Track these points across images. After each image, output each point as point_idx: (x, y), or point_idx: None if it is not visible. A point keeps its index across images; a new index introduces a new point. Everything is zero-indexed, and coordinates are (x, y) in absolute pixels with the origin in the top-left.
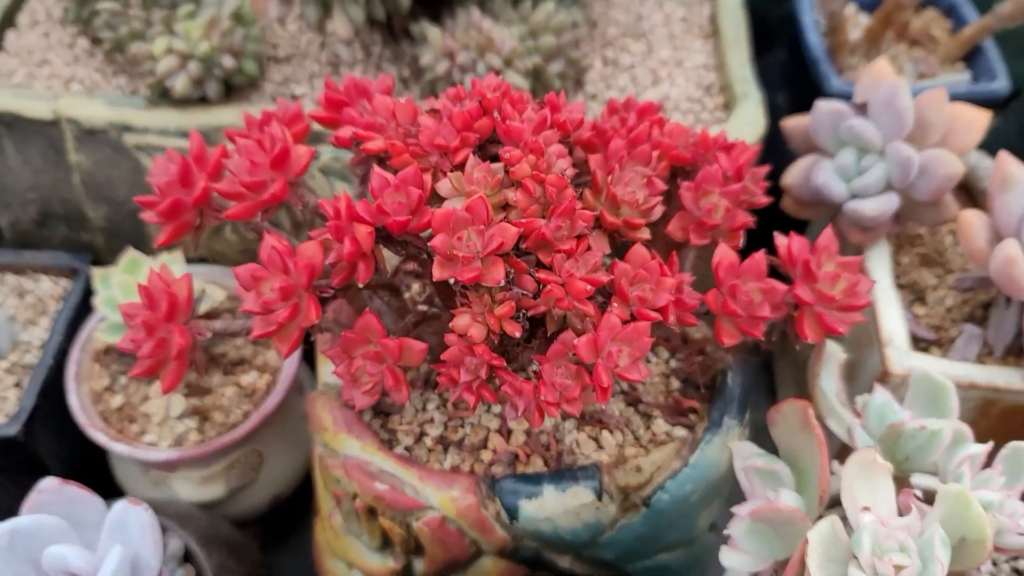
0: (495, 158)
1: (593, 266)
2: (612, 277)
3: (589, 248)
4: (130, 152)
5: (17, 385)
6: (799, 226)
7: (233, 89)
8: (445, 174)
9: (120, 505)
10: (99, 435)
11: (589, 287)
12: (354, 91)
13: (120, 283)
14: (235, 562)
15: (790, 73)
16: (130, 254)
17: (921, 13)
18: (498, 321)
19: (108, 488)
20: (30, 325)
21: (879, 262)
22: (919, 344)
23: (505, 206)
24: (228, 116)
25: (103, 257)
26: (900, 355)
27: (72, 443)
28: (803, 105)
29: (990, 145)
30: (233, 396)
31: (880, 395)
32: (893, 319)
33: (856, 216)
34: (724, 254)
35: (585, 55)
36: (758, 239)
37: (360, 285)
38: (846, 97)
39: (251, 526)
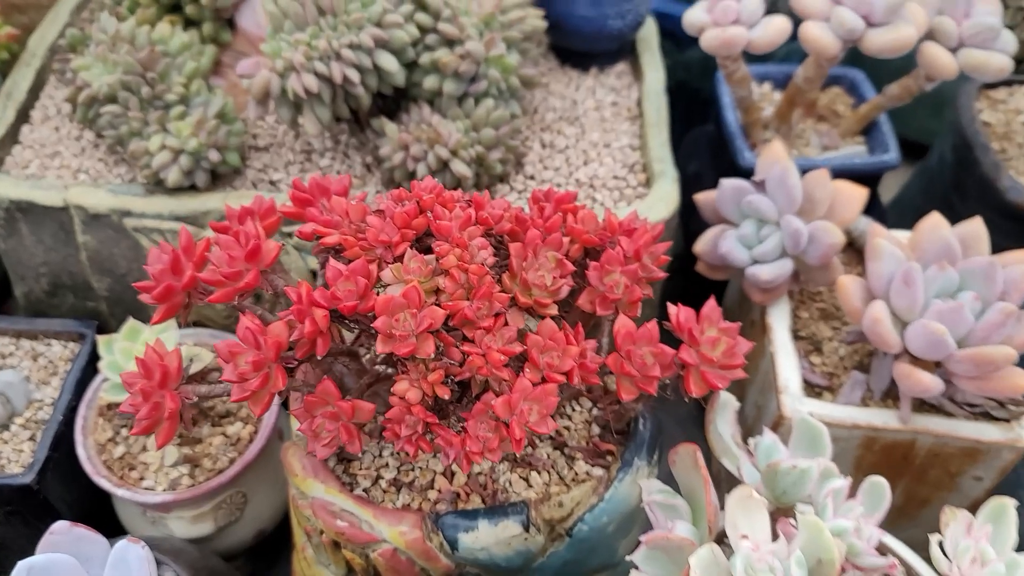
0: (429, 250)
1: (508, 339)
2: (525, 347)
3: (506, 323)
4: (129, 233)
5: (31, 439)
6: (719, 284)
7: (219, 177)
8: (388, 264)
9: (121, 544)
10: (104, 481)
11: (503, 357)
12: (316, 190)
13: (121, 349)
14: None
15: (714, 146)
16: (130, 323)
17: (828, 90)
18: (431, 386)
19: (112, 527)
20: (43, 385)
21: (779, 318)
22: (814, 390)
23: (437, 291)
24: (214, 201)
25: (107, 322)
26: (793, 400)
27: (80, 489)
28: (724, 174)
29: (900, 202)
30: (220, 445)
31: (767, 437)
32: (788, 368)
33: (755, 279)
34: (623, 324)
35: (526, 139)
36: (687, 292)
37: (319, 357)
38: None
39: (239, 558)
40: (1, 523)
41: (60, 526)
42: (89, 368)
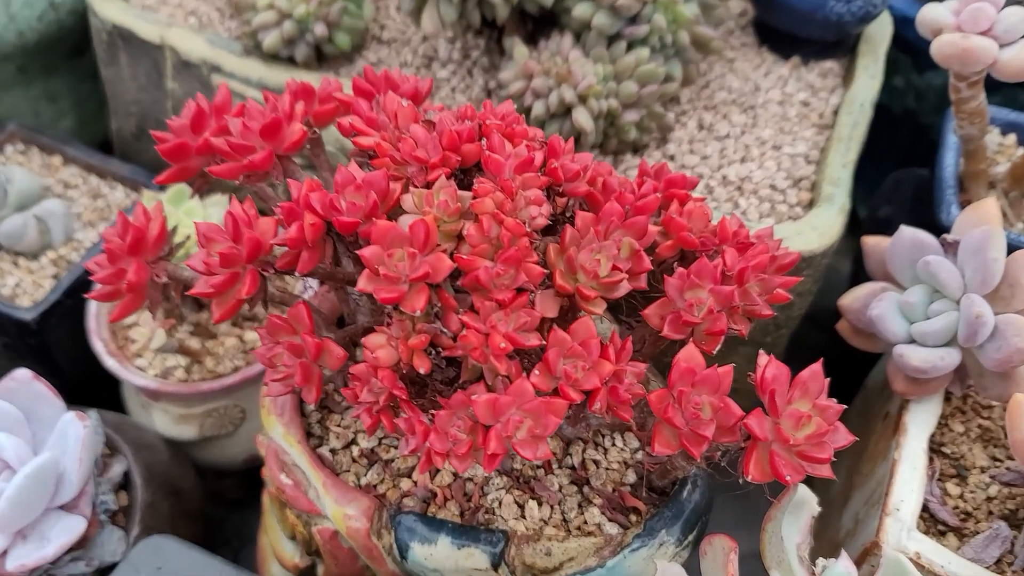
0: (472, 187)
1: (524, 325)
2: (543, 343)
3: (530, 305)
4: (215, 92)
5: (55, 277)
6: (874, 356)
7: (324, 58)
8: (416, 187)
9: (68, 416)
10: (99, 344)
11: (508, 345)
12: (384, 84)
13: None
14: (170, 504)
15: (921, 193)
16: (179, 185)
17: None
18: (409, 351)
19: (117, 398)
20: (89, 227)
21: (921, 420)
22: (936, 526)
23: (459, 237)
24: (309, 81)
25: None
26: (900, 530)
27: (86, 346)
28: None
29: None
30: (231, 348)
31: (841, 566)
32: (909, 488)
33: (904, 363)
34: (688, 356)
35: (683, 113)
36: (830, 355)
37: (298, 273)
38: None
39: (230, 477)
40: (3, 354)
41: (22, 375)
42: None
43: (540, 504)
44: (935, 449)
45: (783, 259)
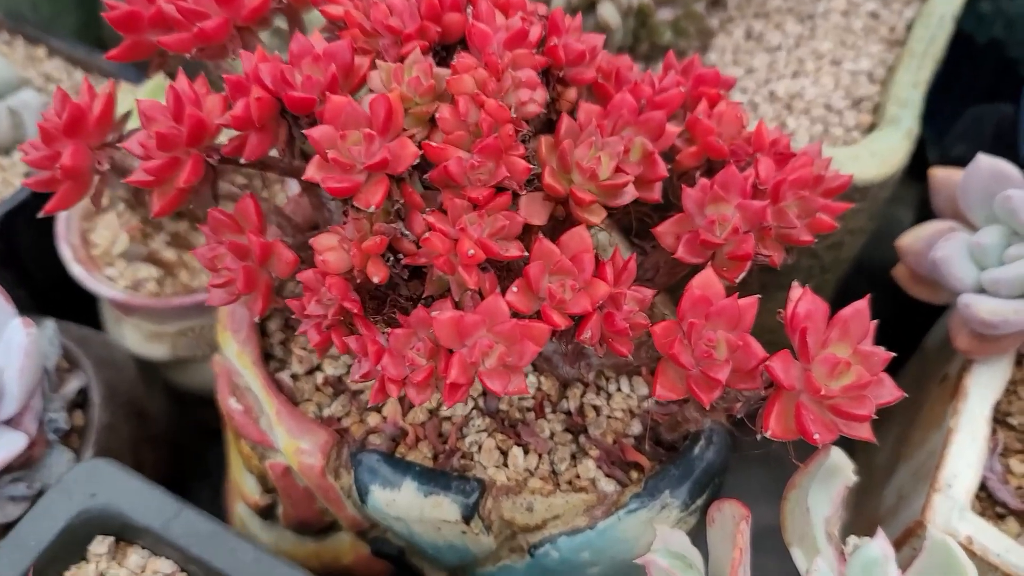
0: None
1: (502, 230)
2: (524, 255)
3: (511, 208)
4: None
5: (26, 174)
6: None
7: None
8: (385, 62)
9: (16, 323)
10: (66, 249)
11: (479, 252)
12: None
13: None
14: (131, 427)
15: (1002, 131)
16: (158, 77)
17: None
18: (364, 257)
19: (93, 311)
20: None
21: (984, 383)
22: (994, 507)
23: (432, 121)
24: None
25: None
26: (951, 509)
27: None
28: None
29: None
30: None
31: (876, 547)
32: (965, 461)
33: (971, 314)
34: (704, 281)
35: (730, 20)
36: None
37: (243, 159)
38: None
39: (210, 407)
40: None
41: None
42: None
43: (526, 452)
44: (1000, 419)
45: (831, 181)
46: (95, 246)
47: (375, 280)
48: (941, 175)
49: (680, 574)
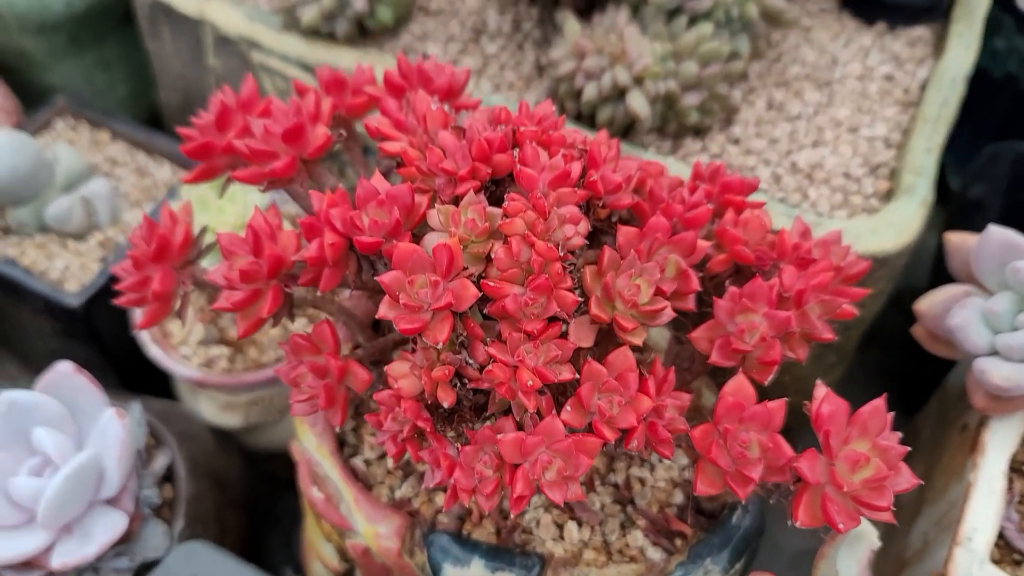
0: (502, 202)
1: (555, 358)
2: (576, 377)
3: (563, 336)
4: (255, 69)
5: (102, 260)
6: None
7: (367, 33)
8: (444, 202)
9: (108, 413)
10: (143, 334)
11: (536, 381)
12: (416, 77)
13: (197, 195)
14: (215, 495)
15: (1020, 167)
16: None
17: None
18: (433, 384)
19: (165, 381)
20: (136, 207)
21: (1000, 438)
22: (1012, 556)
23: (488, 259)
24: (348, 58)
25: None
26: (971, 561)
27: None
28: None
29: None
30: (275, 337)
31: None
32: (984, 515)
33: (986, 378)
34: (736, 388)
35: (751, 91)
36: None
37: (320, 292)
38: None
39: (281, 458)
40: (56, 336)
41: (64, 368)
42: None
43: (580, 525)
44: (1016, 469)
45: (850, 269)
46: (172, 336)
47: (444, 404)
48: (956, 240)
49: None
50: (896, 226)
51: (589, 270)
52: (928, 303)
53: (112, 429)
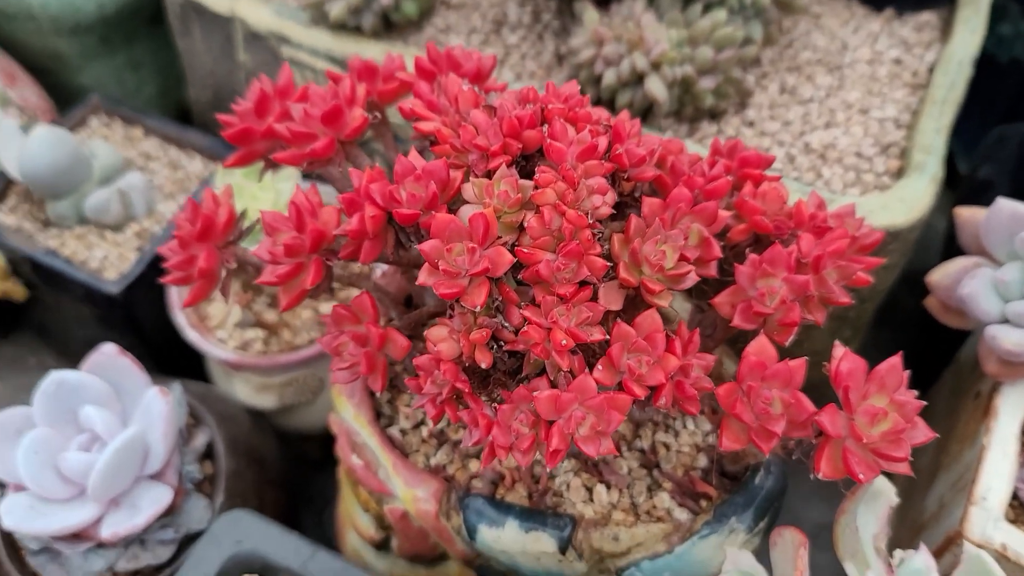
0: (533, 175)
1: (587, 319)
2: (607, 338)
3: (593, 299)
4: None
5: (139, 249)
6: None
7: (392, 26)
8: (477, 176)
9: (152, 392)
10: (181, 317)
11: (570, 340)
12: (446, 63)
13: (235, 184)
14: (253, 472)
15: None
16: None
17: None
18: (471, 345)
19: (200, 364)
20: (169, 199)
21: (1012, 403)
22: None
23: (520, 228)
24: (375, 50)
25: None
26: (986, 520)
27: (168, 316)
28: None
29: None
30: (308, 320)
31: (919, 560)
32: (998, 475)
33: (998, 344)
34: (758, 348)
35: (764, 75)
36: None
37: (360, 263)
38: None
39: (313, 440)
40: (95, 323)
41: (108, 349)
42: None
43: (608, 488)
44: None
45: (865, 239)
46: (211, 318)
47: (482, 365)
48: (966, 214)
49: None
50: (907, 202)
51: (616, 238)
52: (940, 274)
53: (156, 406)
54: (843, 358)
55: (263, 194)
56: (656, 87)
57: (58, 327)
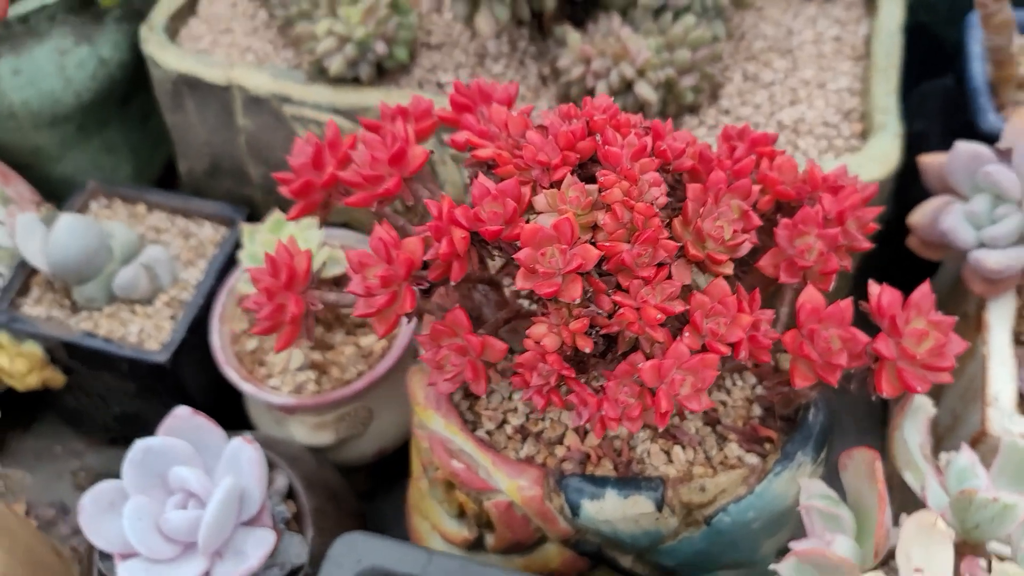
0: (593, 179)
1: (669, 295)
2: (688, 308)
3: (669, 277)
4: (287, 121)
5: (172, 318)
6: (930, 264)
7: (384, 72)
8: (543, 189)
9: (236, 441)
10: (232, 373)
11: (660, 315)
12: (478, 95)
13: (263, 241)
14: (332, 506)
15: (949, 103)
16: (275, 215)
17: None
18: (572, 335)
19: (240, 418)
20: (189, 266)
21: (1001, 316)
22: None
23: (594, 227)
24: (376, 97)
25: (259, 210)
26: (1003, 417)
27: (212, 375)
28: (957, 137)
29: None
30: (351, 355)
31: (964, 457)
32: (1003, 378)
33: (980, 266)
34: (810, 297)
35: (726, 68)
36: (889, 269)
37: (453, 282)
38: (998, 136)
39: (359, 472)
40: (136, 396)
41: (182, 411)
42: (235, 254)
43: (683, 448)
44: (1017, 338)
45: (864, 191)
46: (264, 365)
47: (586, 350)
48: (928, 160)
49: (835, 507)
50: (878, 159)
51: (676, 221)
52: (919, 214)
53: (245, 454)
54: (882, 292)
55: (272, 239)
56: (646, 91)
57: (91, 409)
